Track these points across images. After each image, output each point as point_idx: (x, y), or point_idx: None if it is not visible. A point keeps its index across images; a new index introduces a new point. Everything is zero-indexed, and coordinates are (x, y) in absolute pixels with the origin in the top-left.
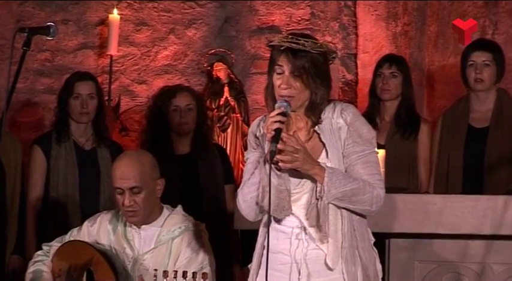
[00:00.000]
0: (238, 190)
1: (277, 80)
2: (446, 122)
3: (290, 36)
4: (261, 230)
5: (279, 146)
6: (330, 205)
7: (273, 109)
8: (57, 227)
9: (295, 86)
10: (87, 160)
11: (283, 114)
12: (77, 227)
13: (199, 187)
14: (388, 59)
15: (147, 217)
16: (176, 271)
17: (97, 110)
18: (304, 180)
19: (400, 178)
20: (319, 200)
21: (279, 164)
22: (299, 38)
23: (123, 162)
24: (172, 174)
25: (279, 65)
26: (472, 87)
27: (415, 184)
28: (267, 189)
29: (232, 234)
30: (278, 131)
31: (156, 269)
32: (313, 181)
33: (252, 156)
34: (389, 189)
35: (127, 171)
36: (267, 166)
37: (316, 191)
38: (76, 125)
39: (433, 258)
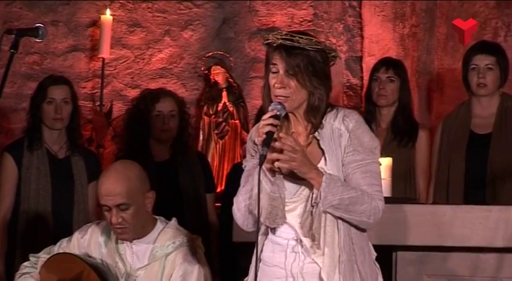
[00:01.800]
0: (234, 198)
1: (272, 80)
2: (446, 128)
3: (284, 33)
4: (259, 242)
5: (277, 144)
6: (328, 216)
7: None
8: (26, 241)
9: (290, 85)
10: (61, 169)
11: (276, 117)
12: (67, 238)
13: (179, 195)
14: (385, 63)
15: (139, 232)
16: None
17: (71, 116)
18: (301, 189)
19: (396, 187)
20: (315, 207)
21: (276, 163)
22: (294, 35)
23: (109, 178)
24: (151, 181)
25: (273, 64)
26: (474, 92)
27: (413, 195)
28: (260, 195)
29: (213, 245)
30: (270, 134)
31: None
32: (311, 189)
33: (249, 164)
34: (395, 199)
35: (112, 188)
36: (257, 170)
37: (311, 197)
38: (49, 132)
39: (443, 272)
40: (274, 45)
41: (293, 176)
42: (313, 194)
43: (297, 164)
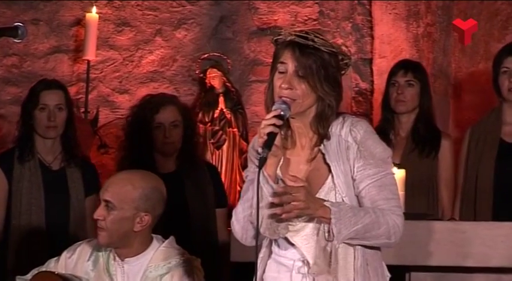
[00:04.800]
0: (233, 210)
1: (278, 80)
2: (474, 136)
3: (299, 29)
4: (260, 262)
5: (275, 200)
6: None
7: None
8: (19, 260)
9: (299, 88)
10: (55, 182)
11: (280, 117)
12: (55, 258)
13: (186, 210)
14: (403, 66)
15: (116, 242)
16: None
17: (66, 124)
18: None
19: (418, 202)
20: (328, 243)
21: (283, 216)
22: (309, 33)
23: (119, 174)
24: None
25: (282, 62)
26: (505, 97)
27: (436, 209)
28: (261, 203)
29: (225, 267)
30: (272, 136)
31: None
32: None
33: (251, 174)
34: (410, 215)
35: (112, 183)
36: (256, 176)
37: (324, 231)
38: (42, 141)
39: None
40: (287, 40)
41: None
42: (324, 228)
43: (301, 211)
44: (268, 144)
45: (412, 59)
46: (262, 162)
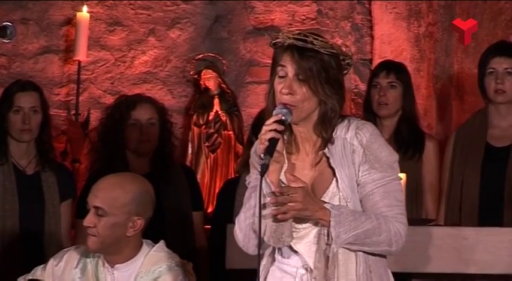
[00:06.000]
0: (236, 218)
1: (278, 85)
2: (459, 139)
3: (297, 32)
4: (262, 270)
5: (271, 200)
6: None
7: None
8: None
9: (300, 92)
10: (29, 187)
11: (281, 122)
12: (42, 266)
13: (161, 213)
14: (385, 67)
15: (109, 250)
16: None
17: (41, 127)
18: None
19: None
20: (328, 247)
21: (278, 217)
22: (307, 35)
23: (107, 179)
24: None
25: (281, 66)
26: (491, 99)
27: (420, 215)
28: (263, 211)
29: (203, 272)
30: (273, 141)
31: None
32: None
33: (254, 180)
34: (412, 221)
35: (102, 188)
36: (258, 183)
37: (324, 235)
38: (16, 145)
39: None
40: (285, 44)
41: None
42: (323, 230)
43: (298, 212)
44: (269, 150)
45: (408, 60)
46: (264, 169)
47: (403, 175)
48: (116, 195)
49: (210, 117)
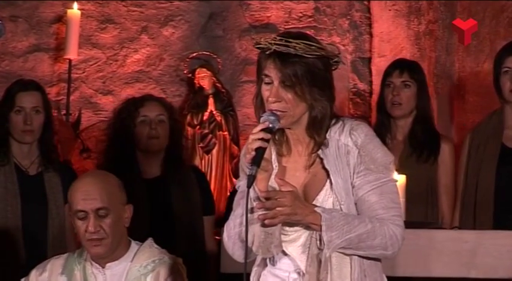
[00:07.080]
0: (225, 224)
1: (265, 91)
2: (475, 141)
3: (279, 38)
4: (254, 275)
5: (257, 205)
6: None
7: None
8: None
9: (287, 98)
10: (32, 188)
11: (268, 130)
12: (24, 278)
13: (171, 217)
14: (399, 66)
15: (113, 251)
16: None
17: (44, 127)
18: None
19: (416, 210)
20: (320, 253)
21: (266, 222)
22: (290, 40)
23: (86, 181)
24: (138, 202)
25: (265, 75)
26: (507, 98)
27: (435, 217)
28: (250, 221)
29: (212, 277)
30: (260, 151)
31: None
32: None
33: (243, 185)
34: (410, 224)
35: (92, 189)
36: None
37: (316, 239)
38: (18, 146)
39: None
40: (267, 53)
41: None
42: (316, 235)
43: (287, 216)
44: (256, 160)
45: (408, 58)
46: (251, 180)
47: (402, 177)
48: (108, 189)
49: (205, 118)
